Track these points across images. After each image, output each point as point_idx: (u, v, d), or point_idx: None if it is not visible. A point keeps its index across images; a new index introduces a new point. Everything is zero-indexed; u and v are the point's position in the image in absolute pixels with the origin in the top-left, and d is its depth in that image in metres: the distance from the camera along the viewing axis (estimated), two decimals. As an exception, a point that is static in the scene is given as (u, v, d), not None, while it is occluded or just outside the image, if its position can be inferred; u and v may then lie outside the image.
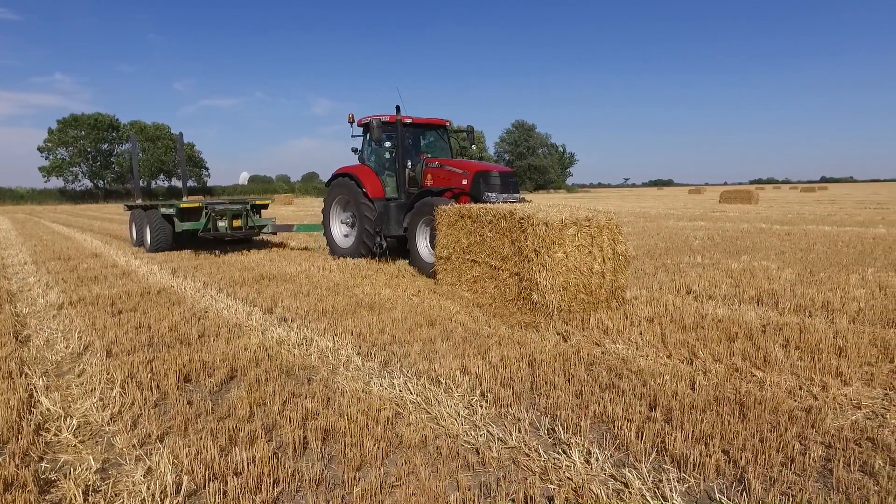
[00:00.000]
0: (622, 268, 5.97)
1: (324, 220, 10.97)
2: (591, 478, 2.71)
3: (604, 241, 5.86)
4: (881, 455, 2.86)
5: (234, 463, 2.85)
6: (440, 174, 9.23)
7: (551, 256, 5.50)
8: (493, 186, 8.50)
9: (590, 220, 5.78)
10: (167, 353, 4.70)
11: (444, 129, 10.66)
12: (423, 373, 4.12)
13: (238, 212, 11.93)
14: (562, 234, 5.59)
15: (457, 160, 9.55)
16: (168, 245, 12.21)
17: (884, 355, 4.30)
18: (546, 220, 5.56)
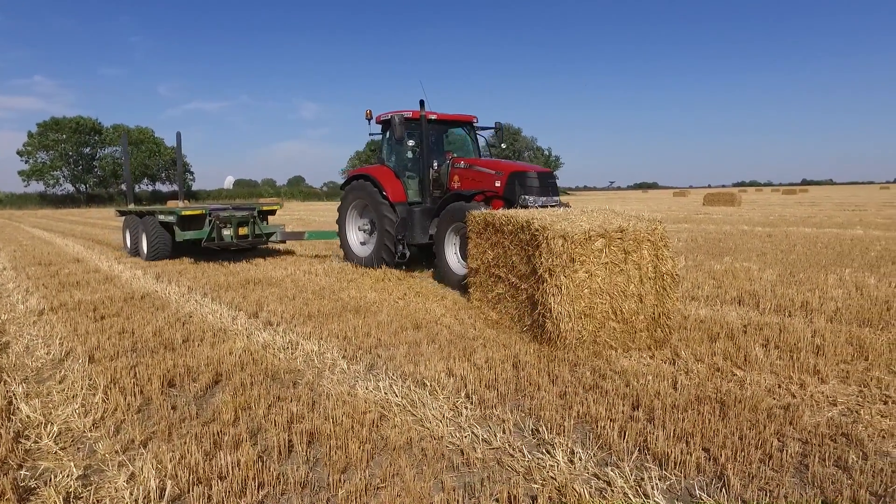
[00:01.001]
0: (669, 290, 4.77)
1: (339, 226, 10.05)
2: (575, 477, 2.74)
3: (643, 256, 4.75)
4: (854, 450, 2.92)
5: (219, 467, 2.85)
6: (469, 175, 8.36)
7: (569, 277, 4.54)
8: (530, 189, 7.61)
9: (623, 232, 4.72)
10: (151, 358, 4.66)
11: (470, 126, 9.70)
12: (409, 375, 4.13)
13: (244, 219, 10.96)
14: (585, 248, 4.60)
15: (488, 160, 8.76)
16: (167, 254, 11.29)
17: (859, 353, 4.40)
18: (565, 232, 4.60)
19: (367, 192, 9.18)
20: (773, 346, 4.63)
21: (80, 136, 77.21)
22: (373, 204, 9.09)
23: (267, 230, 11.35)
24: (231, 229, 10.79)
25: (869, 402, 3.54)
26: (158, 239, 11.14)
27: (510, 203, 7.61)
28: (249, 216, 11.05)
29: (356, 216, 9.87)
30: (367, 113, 9.56)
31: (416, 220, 8.71)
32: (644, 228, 4.82)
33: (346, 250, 9.97)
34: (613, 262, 4.68)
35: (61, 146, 75.90)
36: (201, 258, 11.33)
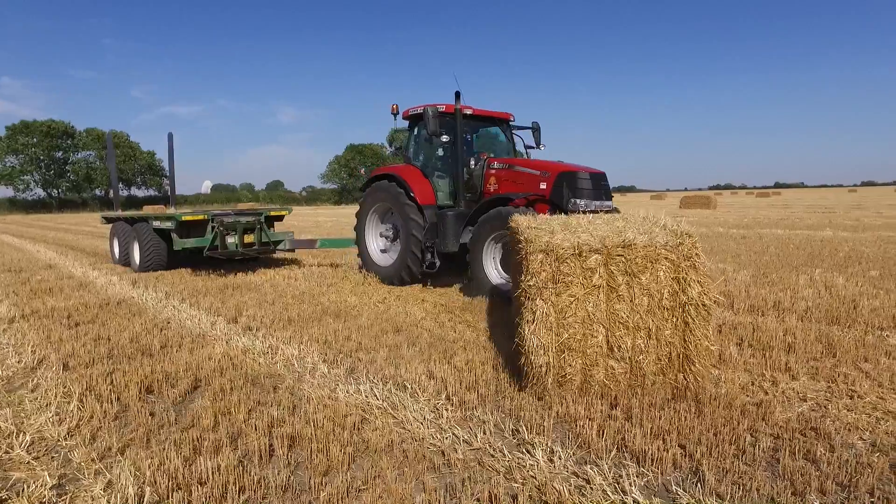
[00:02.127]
0: (694, 324, 3.64)
1: (357, 232, 9.06)
2: (554, 475, 2.78)
3: (656, 278, 3.69)
4: (823, 443, 3.02)
5: (199, 472, 2.83)
6: (508, 177, 7.58)
7: (548, 300, 3.71)
8: (581, 191, 6.86)
9: (629, 247, 3.71)
10: (128, 364, 4.60)
11: (506, 123, 8.90)
12: (390, 378, 4.14)
13: (250, 225, 9.95)
14: (573, 266, 3.73)
15: (530, 159, 8.01)
16: (162, 265, 10.23)
17: (828, 350, 4.53)
18: (547, 246, 3.77)
19: (392, 193, 8.20)
20: (747, 345, 4.74)
21: (52, 140, 75.64)
22: (397, 207, 8.12)
23: (275, 237, 10.35)
24: (236, 237, 9.79)
25: (836, 397, 3.65)
26: (153, 248, 10.07)
27: (557, 208, 6.84)
28: (256, 222, 10.03)
29: (377, 221, 8.91)
30: (394, 108, 8.75)
31: (448, 226, 7.66)
32: (662, 243, 3.71)
33: (365, 259, 8.99)
34: (612, 285, 3.73)
35: (31, 150, 74.23)
36: (201, 268, 10.39)
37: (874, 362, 4.26)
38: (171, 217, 9.79)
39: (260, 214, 10.26)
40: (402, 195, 8.03)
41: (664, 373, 3.74)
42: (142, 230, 10.19)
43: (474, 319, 5.95)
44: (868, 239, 12.67)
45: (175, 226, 9.66)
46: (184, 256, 10.45)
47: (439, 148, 8.53)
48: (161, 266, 10.21)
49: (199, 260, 10.46)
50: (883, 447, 2.99)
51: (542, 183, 7.12)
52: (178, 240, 9.61)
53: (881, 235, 13.51)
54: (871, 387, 3.79)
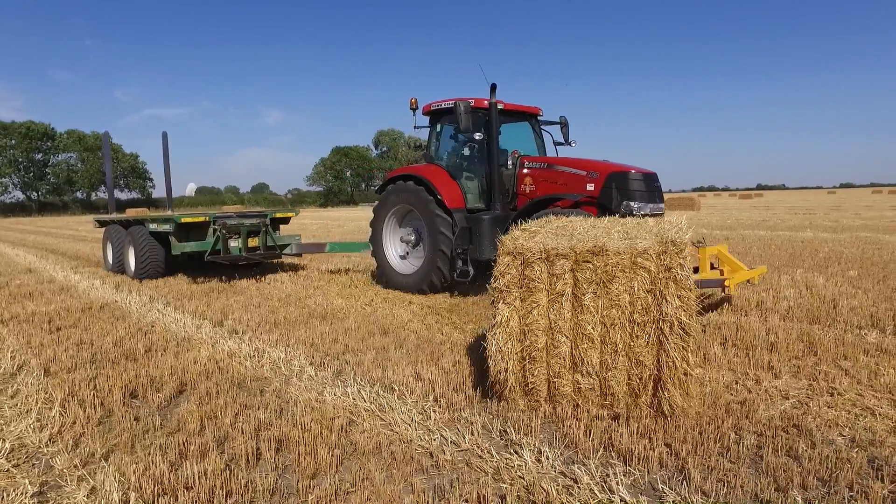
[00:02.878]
0: (670, 342, 3.28)
1: (373, 237, 8.36)
2: (542, 475, 2.80)
3: (630, 288, 3.39)
4: (804, 440, 3.07)
5: (185, 477, 2.80)
6: (547, 177, 7.06)
7: (511, 305, 3.56)
8: (634, 193, 6.40)
9: (600, 254, 3.41)
10: (112, 369, 4.54)
11: (535, 119, 8.31)
12: (377, 380, 4.14)
13: (255, 228, 9.31)
14: (538, 272, 3.51)
15: (573, 158, 7.25)
16: (160, 271, 9.52)
17: (809, 349, 4.61)
18: (516, 247, 3.59)
19: (415, 195, 7.61)
20: (731, 344, 4.81)
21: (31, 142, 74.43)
22: (422, 210, 7.52)
23: (280, 241, 9.73)
24: (240, 240, 9.14)
25: (817, 394, 3.72)
26: (149, 253, 9.35)
27: (606, 210, 6.27)
28: (261, 224, 9.39)
29: (394, 225, 8.26)
30: (413, 102, 8.09)
31: (484, 231, 7.04)
32: (640, 250, 3.37)
33: (383, 266, 8.27)
34: (579, 294, 3.48)
35: (10, 152, 72.97)
36: (201, 274, 9.76)
37: (853, 360, 4.34)
38: (169, 219, 9.17)
39: (265, 216, 9.68)
40: (428, 197, 7.42)
41: (636, 394, 3.42)
42: (137, 234, 9.49)
43: (461, 321, 5.97)
44: (847, 239, 12.91)
45: (173, 229, 9.01)
46: (183, 262, 9.93)
47: (466, 146, 8.00)
48: (158, 272, 9.50)
49: (200, 265, 9.95)
50: (861, 442, 3.05)
51: (590, 184, 6.61)
52: (177, 244, 9.06)
53: (859, 236, 13.77)
54: (850, 384, 3.86)
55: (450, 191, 7.49)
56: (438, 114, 8.12)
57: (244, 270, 10.23)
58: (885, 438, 3.08)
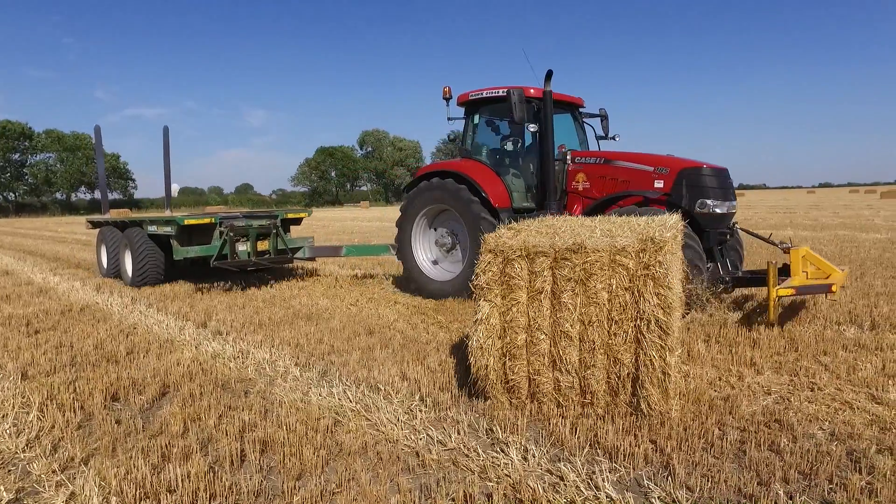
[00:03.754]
0: (650, 341, 3.26)
1: (400, 240, 7.63)
2: (529, 473, 2.80)
3: (609, 286, 3.38)
4: (786, 434, 3.11)
5: (168, 480, 2.76)
6: (604, 173, 6.53)
7: (491, 302, 3.57)
8: (708, 190, 5.93)
9: (579, 252, 3.40)
10: (92, 371, 4.47)
11: (578, 111, 7.75)
12: (363, 380, 4.12)
13: (264, 230, 8.49)
14: (518, 269, 3.51)
15: (634, 152, 6.68)
16: (159, 277, 8.77)
17: (790, 346, 4.68)
18: (497, 245, 3.59)
19: (453, 194, 6.94)
20: (714, 341, 4.86)
21: (8, 142, 73.05)
22: (462, 211, 6.84)
23: (292, 244, 8.96)
24: (248, 244, 8.35)
25: (798, 389, 3.77)
26: (148, 257, 8.58)
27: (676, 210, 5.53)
28: (271, 226, 8.58)
29: (424, 226, 7.55)
30: (446, 91, 7.43)
31: None
32: (619, 248, 3.35)
33: (412, 271, 7.56)
34: (558, 292, 3.47)
35: (-14, 152, 71.55)
36: (205, 281, 8.98)
37: (833, 355, 4.41)
38: (170, 221, 8.31)
39: (275, 217, 8.91)
40: (470, 197, 6.79)
41: (616, 393, 3.41)
42: (134, 237, 8.67)
43: (447, 320, 5.96)
44: (826, 237, 13.14)
45: (175, 231, 8.19)
46: (185, 268, 9.19)
47: (509, 139, 7.42)
48: (158, 279, 8.78)
49: (204, 271, 9.17)
50: (840, 436, 3.10)
51: (659, 180, 6.13)
52: (180, 248, 8.27)
53: (837, 234, 14.03)
54: (829, 379, 3.93)
55: (495, 189, 6.87)
56: (476, 104, 7.43)
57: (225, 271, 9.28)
58: (863, 431, 3.13)
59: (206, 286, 8.53)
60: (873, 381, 3.84)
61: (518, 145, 7.47)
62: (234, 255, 8.13)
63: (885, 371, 4.02)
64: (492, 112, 7.44)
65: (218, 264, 8.04)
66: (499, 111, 7.36)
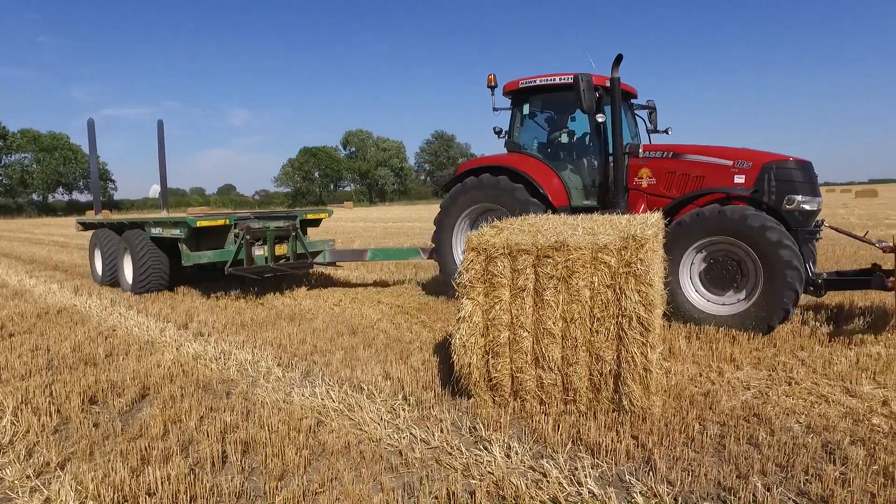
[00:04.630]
0: (632, 338, 3.29)
1: (439, 242, 6.95)
2: (512, 470, 2.82)
3: (591, 283, 3.40)
4: (764, 428, 3.17)
5: (147, 483, 2.73)
6: (672, 167, 5.97)
7: (474, 300, 3.58)
8: (796, 185, 5.45)
9: (561, 249, 3.42)
10: (70, 374, 4.39)
11: (630, 102, 7.09)
12: (346, 380, 4.11)
13: (283, 232, 7.74)
14: (500, 267, 3.52)
15: (705, 145, 6.05)
16: (163, 284, 8.06)
17: (769, 341, 4.76)
18: (480, 243, 3.60)
19: (506, 192, 6.34)
20: (695, 338, 4.92)
21: (-18, 142, 71.42)
22: (515, 210, 6.15)
23: (312, 248, 8.10)
24: (265, 248, 7.58)
25: (776, 384, 3.84)
26: (151, 263, 7.85)
27: (758, 206, 5.39)
28: (290, 228, 7.81)
29: (466, 227, 6.84)
30: (491, 79, 6.85)
31: None
32: (601, 245, 3.38)
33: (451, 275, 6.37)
34: (540, 289, 3.48)
35: (-42, 152, 69.92)
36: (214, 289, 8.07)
37: (809, 350, 4.50)
38: (179, 222, 7.44)
39: (294, 217, 8.04)
40: (526, 195, 6.22)
41: (598, 390, 3.43)
42: (135, 240, 7.92)
43: (430, 320, 5.97)
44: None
45: (185, 234, 7.33)
46: (191, 274, 8.35)
47: (562, 131, 6.83)
48: (161, 285, 8.04)
49: (212, 277, 8.56)
50: (816, 428, 3.17)
51: (739, 175, 5.62)
52: (190, 253, 7.46)
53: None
54: (806, 373, 4.00)
55: (552, 185, 6.30)
56: (525, 93, 6.82)
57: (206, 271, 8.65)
58: (838, 424, 3.20)
59: (187, 288, 8.41)
60: (848, 374, 3.93)
61: (574, 138, 6.84)
62: (250, 261, 7.39)
63: (858, 365, 4.11)
64: (544, 102, 6.85)
65: (233, 271, 7.23)
66: (552, 100, 6.78)
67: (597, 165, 6.46)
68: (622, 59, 5.88)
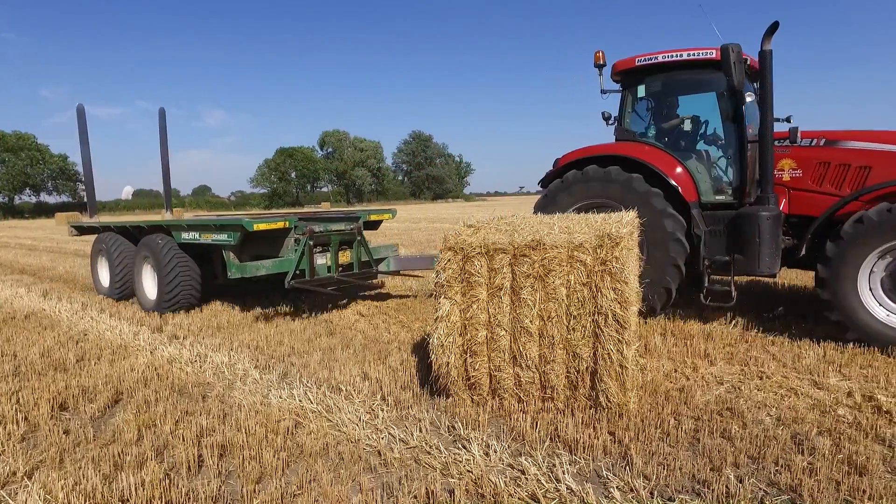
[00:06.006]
0: (608, 336, 3.31)
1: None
2: (490, 468, 2.83)
3: (567, 282, 3.40)
4: (737, 421, 3.24)
5: (121, 489, 2.67)
6: (829, 158, 5.10)
7: (452, 299, 3.58)
8: None
9: (537, 248, 3.43)
10: (38, 381, 4.27)
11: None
12: (324, 381, 4.08)
13: (348, 236, 6.56)
14: (478, 266, 3.53)
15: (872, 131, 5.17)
16: (193, 300, 6.83)
17: (741, 336, 4.86)
18: (457, 243, 3.59)
19: (622, 185, 5.53)
20: (671, 335, 5.00)
21: (-57, 142, 69.11)
22: (630, 203, 5.26)
23: (376, 254, 6.95)
24: (328, 255, 6.44)
25: (748, 378, 3.93)
26: (182, 275, 6.60)
27: None
28: (355, 232, 6.64)
29: None
30: (599, 56, 6.09)
31: (764, 234, 5.02)
32: (577, 244, 3.39)
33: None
34: (517, 288, 3.49)
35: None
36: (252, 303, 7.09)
37: (780, 345, 4.61)
38: (230, 225, 6.11)
39: (357, 219, 6.79)
40: (642, 184, 5.45)
41: (575, 387, 3.45)
42: (161, 247, 6.66)
43: (408, 320, 5.96)
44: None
45: (237, 240, 5.99)
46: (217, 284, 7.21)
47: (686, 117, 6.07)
48: (192, 302, 6.83)
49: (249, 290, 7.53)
50: (786, 420, 3.25)
51: None
52: (239, 263, 6.09)
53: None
54: (777, 367, 4.10)
55: (680, 177, 5.51)
56: (640, 73, 6.00)
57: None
58: (806, 415, 3.29)
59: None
60: (816, 367, 4.04)
61: (699, 124, 6.05)
62: (312, 271, 6.14)
63: (825, 358, 4.23)
64: (665, 83, 5.99)
65: (295, 284, 5.90)
66: (675, 81, 5.93)
67: (731, 155, 5.58)
68: (777, 28, 5.02)
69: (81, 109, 9.75)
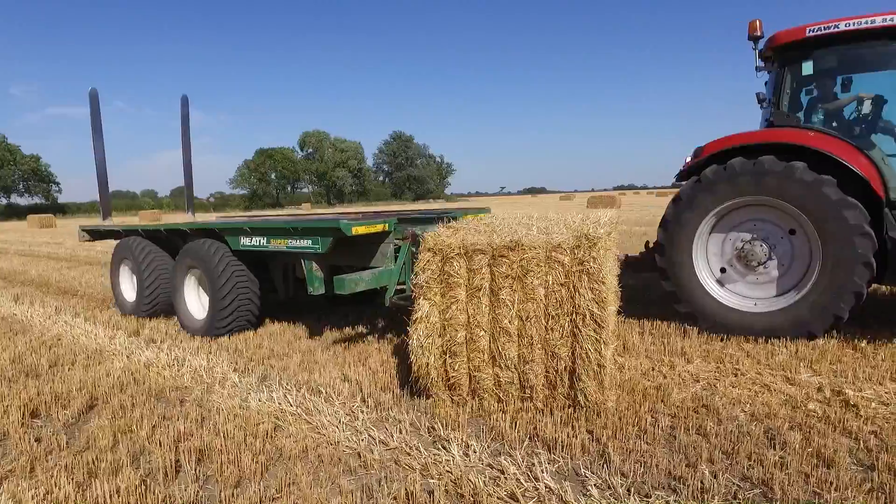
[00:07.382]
0: (586, 335, 3.31)
1: (669, 264, 5.16)
2: (470, 468, 2.84)
3: (549, 281, 3.41)
4: (712, 418, 3.30)
5: (95, 497, 2.63)
6: None
7: (431, 300, 3.59)
8: None
9: (516, 249, 3.44)
10: (8, 388, 4.18)
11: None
12: (303, 384, 4.06)
13: None
14: (457, 266, 3.54)
15: None
16: (253, 321, 5.75)
17: (717, 334, 4.94)
18: (436, 244, 3.60)
19: (784, 180, 4.61)
20: (648, 333, 5.06)
21: None
22: (805, 205, 4.55)
23: None
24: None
25: (724, 375, 4.01)
26: (240, 290, 5.50)
27: None
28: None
29: (707, 229, 5.08)
30: (756, 25, 5.26)
31: None
32: (555, 244, 3.40)
33: (692, 294, 5.09)
34: (496, 289, 3.49)
35: None
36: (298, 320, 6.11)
37: (753, 342, 4.70)
38: (322, 229, 4.81)
39: (455, 219, 4.87)
40: (812, 175, 4.52)
41: (554, 386, 3.47)
42: (212, 256, 5.50)
43: (389, 321, 5.94)
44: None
45: (326, 248, 4.77)
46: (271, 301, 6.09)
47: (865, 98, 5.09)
48: (251, 322, 5.74)
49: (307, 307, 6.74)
50: (759, 416, 3.32)
51: None
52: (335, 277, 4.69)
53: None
54: (751, 364, 4.19)
55: (868, 171, 4.62)
56: (808, 46, 5.02)
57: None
58: (778, 411, 3.37)
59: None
60: (788, 364, 4.13)
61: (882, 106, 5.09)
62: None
63: (797, 355, 4.33)
64: (841, 57, 5.07)
65: (397, 301, 4.74)
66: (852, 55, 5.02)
67: None
68: None
69: (94, 94, 8.48)
